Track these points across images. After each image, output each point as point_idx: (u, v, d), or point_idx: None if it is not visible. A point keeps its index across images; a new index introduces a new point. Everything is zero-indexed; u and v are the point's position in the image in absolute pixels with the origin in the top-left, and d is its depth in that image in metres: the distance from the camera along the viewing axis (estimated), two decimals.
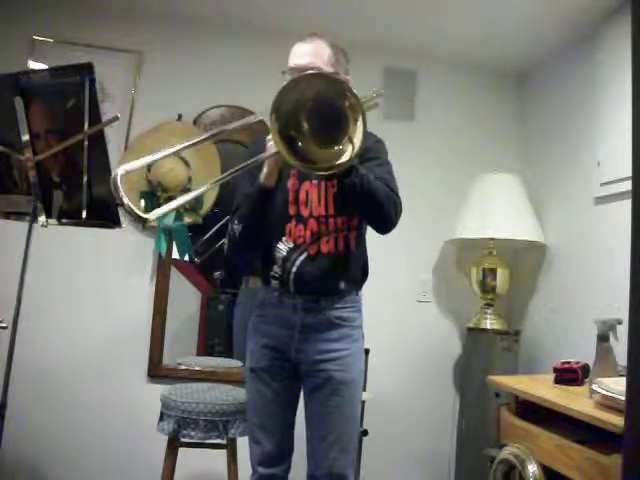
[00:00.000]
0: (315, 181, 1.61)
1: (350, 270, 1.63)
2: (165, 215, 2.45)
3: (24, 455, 2.44)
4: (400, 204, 1.56)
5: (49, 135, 1.71)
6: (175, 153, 1.53)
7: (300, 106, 1.34)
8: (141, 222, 1.26)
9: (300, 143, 1.36)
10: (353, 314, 1.63)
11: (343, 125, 1.32)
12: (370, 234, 1.67)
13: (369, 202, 1.49)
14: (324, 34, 1.65)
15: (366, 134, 1.30)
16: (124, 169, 1.24)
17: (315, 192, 1.61)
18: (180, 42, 2.76)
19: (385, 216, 1.52)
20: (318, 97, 1.34)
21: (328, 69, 1.57)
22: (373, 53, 2.81)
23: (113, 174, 1.21)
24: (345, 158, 1.33)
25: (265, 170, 1.52)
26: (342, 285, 1.61)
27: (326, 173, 1.40)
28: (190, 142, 1.45)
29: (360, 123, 1.29)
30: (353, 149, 1.32)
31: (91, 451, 2.50)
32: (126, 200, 1.21)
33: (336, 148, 1.35)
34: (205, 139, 1.52)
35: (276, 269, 1.60)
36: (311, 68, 1.51)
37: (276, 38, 2.57)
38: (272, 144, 1.43)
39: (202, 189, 1.47)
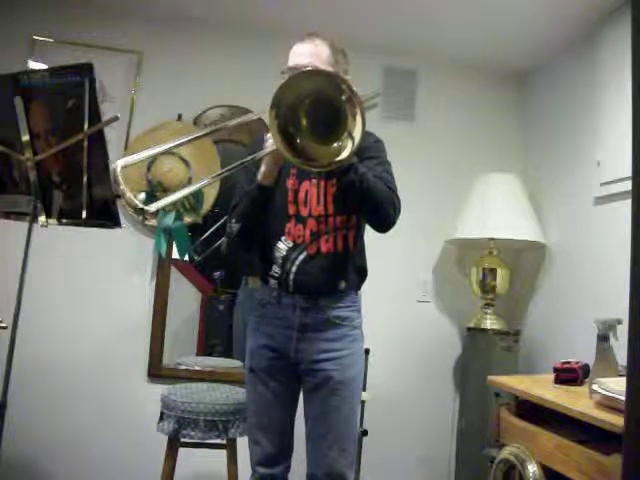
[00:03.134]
0: (314, 180, 1.61)
1: (349, 269, 1.63)
2: (164, 211, 2.46)
3: (24, 455, 2.44)
4: (399, 203, 1.56)
5: (49, 135, 1.71)
6: (174, 148, 1.53)
7: (299, 103, 1.34)
8: (141, 214, 1.27)
9: (299, 140, 1.36)
10: (352, 314, 1.63)
11: (342, 121, 1.32)
12: (370, 234, 1.67)
13: (368, 200, 1.49)
14: (323, 34, 1.65)
15: (365, 129, 1.30)
16: (124, 162, 1.25)
17: (314, 192, 1.61)
18: (180, 42, 2.76)
19: (384, 215, 1.53)
20: (317, 94, 1.34)
21: (327, 69, 1.57)
22: (373, 53, 2.80)
23: (112, 166, 1.22)
24: (345, 154, 1.33)
25: (263, 169, 1.52)
26: (341, 285, 1.61)
27: (325, 169, 1.40)
28: (188, 137, 1.46)
29: (359, 118, 1.29)
30: (353, 145, 1.32)
31: (91, 451, 2.50)
32: (128, 193, 1.22)
33: (335, 145, 1.35)
34: (203, 135, 1.54)
35: (275, 269, 1.61)
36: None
37: (276, 38, 2.57)
38: (271, 142, 1.43)
39: (202, 183, 1.47)
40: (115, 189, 1.22)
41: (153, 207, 1.31)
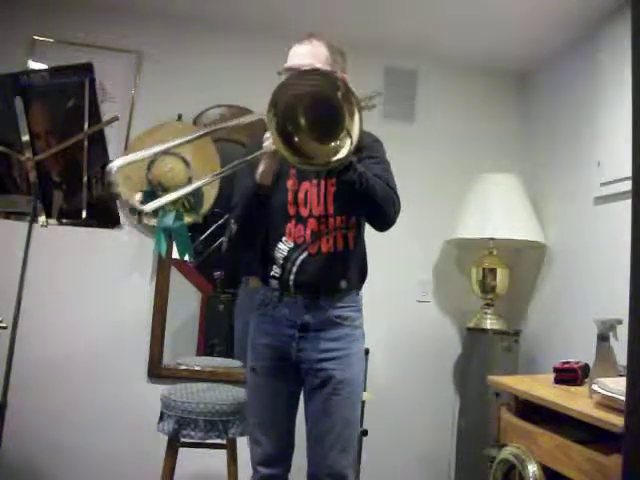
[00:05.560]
0: (314, 181, 1.61)
1: (350, 269, 1.63)
2: (164, 211, 2.46)
3: (24, 455, 2.44)
4: (398, 202, 1.56)
5: (49, 135, 1.71)
6: (171, 148, 1.54)
7: (297, 102, 1.35)
8: (137, 214, 1.28)
9: (297, 139, 1.36)
10: (353, 313, 1.64)
11: (340, 120, 1.32)
12: (370, 234, 1.67)
13: (367, 199, 1.49)
14: (321, 35, 1.65)
15: (362, 128, 1.30)
16: (120, 162, 1.25)
17: (314, 192, 1.61)
18: (180, 42, 2.76)
19: (383, 213, 1.53)
20: (315, 93, 1.34)
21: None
22: (373, 53, 2.80)
23: (108, 167, 1.22)
24: (342, 154, 1.34)
25: (261, 168, 1.51)
26: (342, 284, 1.61)
27: (324, 169, 1.40)
28: (186, 138, 1.46)
29: (357, 117, 1.30)
30: (351, 143, 1.32)
31: (91, 451, 2.50)
32: (124, 195, 1.22)
33: (333, 144, 1.35)
34: (201, 135, 1.54)
35: (276, 269, 1.61)
36: None
37: (276, 38, 2.57)
38: (269, 142, 1.43)
39: (199, 183, 1.48)
40: (113, 190, 1.22)
41: (148, 207, 1.32)
